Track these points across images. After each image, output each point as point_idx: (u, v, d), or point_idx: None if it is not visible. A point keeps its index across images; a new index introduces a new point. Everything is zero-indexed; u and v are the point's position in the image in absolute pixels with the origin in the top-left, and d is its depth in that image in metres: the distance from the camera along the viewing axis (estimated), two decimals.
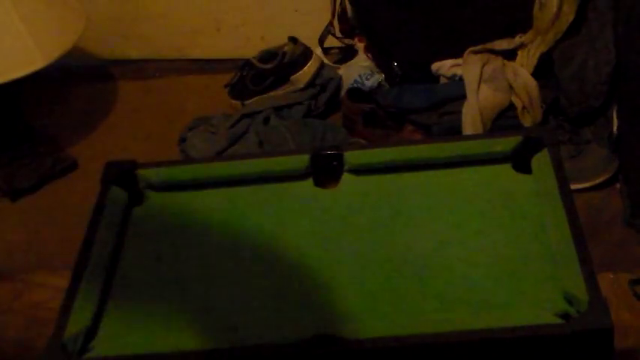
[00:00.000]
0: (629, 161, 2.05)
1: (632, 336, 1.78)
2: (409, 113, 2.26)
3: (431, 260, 1.33)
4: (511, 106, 2.17)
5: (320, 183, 1.48)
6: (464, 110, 2.17)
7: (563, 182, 1.35)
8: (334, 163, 1.47)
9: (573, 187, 2.03)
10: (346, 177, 1.48)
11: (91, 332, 1.27)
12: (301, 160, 1.48)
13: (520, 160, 1.44)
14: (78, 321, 1.27)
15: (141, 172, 1.49)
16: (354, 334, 1.21)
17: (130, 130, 2.49)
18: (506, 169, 1.44)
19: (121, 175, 1.48)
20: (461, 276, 1.29)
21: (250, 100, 2.46)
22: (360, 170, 1.47)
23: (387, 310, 1.27)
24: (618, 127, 2.11)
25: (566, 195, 1.33)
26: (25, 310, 2.06)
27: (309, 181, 1.48)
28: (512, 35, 2.22)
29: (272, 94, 2.44)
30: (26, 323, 2.01)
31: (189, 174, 1.50)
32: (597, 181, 2.10)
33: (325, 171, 1.48)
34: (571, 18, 2.11)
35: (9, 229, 2.27)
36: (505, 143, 1.45)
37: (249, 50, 2.50)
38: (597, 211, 2.07)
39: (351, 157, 1.47)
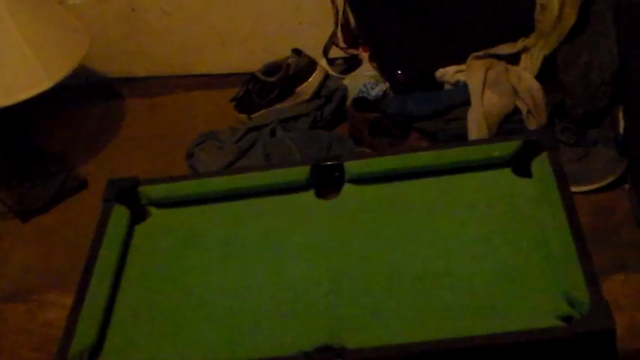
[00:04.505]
0: (637, 161, 2.04)
1: None
2: (415, 121, 2.27)
3: (432, 267, 1.32)
4: (516, 111, 2.17)
5: (321, 194, 1.48)
6: (469, 116, 2.17)
7: (563, 185, 1.35)
8: (335, 173, 1.47)
9: (581, 189, 2.05)
10: (347, 187, 1.47)
11: (95, 350, 1.28)
12: (302, 172, 1.48)
13: (520, 164, 1.43)
14: (82, 338, 1.27)
15: (142, 188, 1.50)
16: (357, 344, 1.21)
17: (138, 147, 2.51)
18: (506, 173, 1.44)
19: (123, 192, 1.48)
20: (462, 282, 1.29)
21: (256, 114, 2.47)
22: (360, 180, 1.47)
23: (390, 319, 1.27)
24: (625, 128, 2.10)
25: (567, 197, 1.32)
26: (39, 329, 2.07)
27: (311, 193, 1.48)
28: (514, 39, 2.22)
29: (278, 106, 2.45)
30: (40, 342, 2.03)
31: (190, 189, 1.50)
32: (605, 182, 2.09)
33: (326, 182, 1.48)
34: (573, 20, 2.11)
35: (21, 250, 2.29)
36: (504, 148, 1.44)
37: (255, 64, 2.51)
38: (606, 212, 2.06)
39: (351, 167, 1.47)
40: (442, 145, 1.84)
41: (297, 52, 2.43)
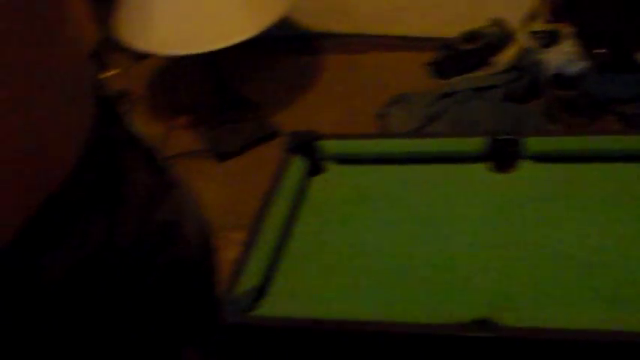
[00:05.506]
0: None
1: None
2: (612, 103, 2.18)
3: (601, 256, 1.29)
4: None
5: (496, 167, 1.47)
6: None
7: None
8: (511, 148, 1.46)
9: None
10: (522, 163, 1.46)
11: (261, 291, 1.35)
12: (478, 143, 1.48)
13: None
14: (250, 279, 1.34)
15: (322, 143, 1.55)
16: (514, 322, 1.21)
17: (332, 103, 2.56)
18: None
19: (303, 144, 1.54)
20: (631, 275, 1.25)
21: (450, 80, 2.46)
22: (537, 157, 1.45)
23: (551, 302, 1.25)
24: None
25: None
26: (224, 266, 2.17)
27: (485, 165, 1.48)
28: None
29: (472, 75, 2.43)
30: (222, 279, 2.14)
31: (365, 149, 1.54)
32: None
33: (501, 155, 1.47)
34: None
35: (214, 189, 2.41)
36: None
37: (453, 29, 2.49)
38: None
39: (530, 143, 1.45)
40: (627, 131, 1.77)
41: (496, 21, 2.39)
